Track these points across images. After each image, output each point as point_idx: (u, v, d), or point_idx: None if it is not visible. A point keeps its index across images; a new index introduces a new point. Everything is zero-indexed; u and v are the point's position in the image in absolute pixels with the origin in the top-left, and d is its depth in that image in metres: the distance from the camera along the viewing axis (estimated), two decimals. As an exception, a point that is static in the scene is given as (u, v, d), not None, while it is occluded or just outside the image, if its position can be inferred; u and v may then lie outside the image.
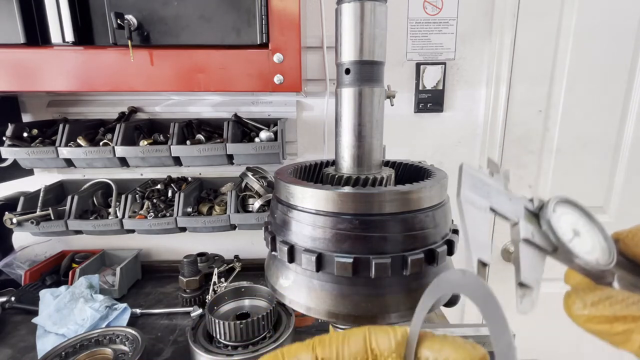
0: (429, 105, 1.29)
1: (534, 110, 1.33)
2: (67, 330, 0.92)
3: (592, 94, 1.30)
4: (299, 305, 0.40)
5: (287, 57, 0.82)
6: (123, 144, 1.06)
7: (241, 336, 0.79)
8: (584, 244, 0.25)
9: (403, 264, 0.36)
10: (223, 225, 1.11)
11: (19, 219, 1.06)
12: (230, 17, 0.80)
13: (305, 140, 1.33)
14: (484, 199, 0.25)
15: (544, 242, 0.25)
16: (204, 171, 1.33)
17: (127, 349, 0.84)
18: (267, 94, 1.26)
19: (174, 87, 0.85)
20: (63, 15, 0.77)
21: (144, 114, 1.28)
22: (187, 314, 1.05)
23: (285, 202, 0.42)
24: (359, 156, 0.45)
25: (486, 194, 0.25)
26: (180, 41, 0.81)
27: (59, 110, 1.26)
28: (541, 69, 1.29)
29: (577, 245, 0.24)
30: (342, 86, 0.44)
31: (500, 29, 1.24)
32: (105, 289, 1.13)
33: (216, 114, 1.28)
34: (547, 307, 1.57)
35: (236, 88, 0.85)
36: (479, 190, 0.25)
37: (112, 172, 1.28)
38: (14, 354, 0.90)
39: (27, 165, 1.09)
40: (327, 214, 0.37)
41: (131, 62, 0.81)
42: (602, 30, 1.25)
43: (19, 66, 0.82)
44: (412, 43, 1.26)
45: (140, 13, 0.79)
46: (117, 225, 1.10)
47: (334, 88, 0.46)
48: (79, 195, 1.13)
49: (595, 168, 1.37)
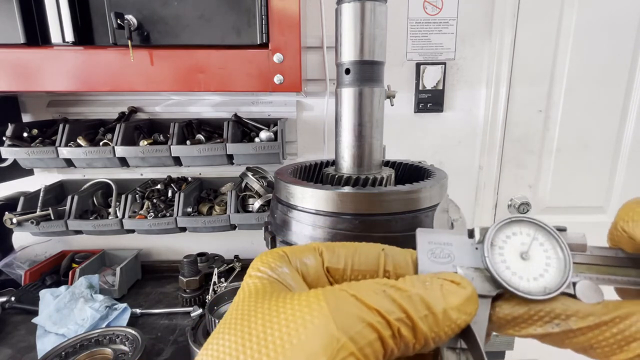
0: (429, 105, 1.29)
1: (534, 110, 1.33)
2: (67, 330, 0.92)
3: (592, 93, 1.30)
4: (299, 305, 0.40)
5: (287, 57, 0.82)
6: (123, 144, 1.06)
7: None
8: (532, 269, 0.23)
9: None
10: (223, 225, 1.11)
11: (19, 219, 1.06)
12: (230, 17, 0.80)
13: (305, 140, 1.33)
14: (445, 265, 0.24)
15: (486, 287, 0.23)
16: (204, 171, 1.33)
17: (127, 349, 0.84)
18: (267, 94, 1.26)
19: (174, 87, 0.85)
20: (63, 15, 0.77)
21: (144, 114, 1.28)
22: (187, 314, 1.05)
23: (285, 202, 0.42)
24: (359, 156, 0.45)
25: (448, 256, 0.24)
26: (180, 41, 0.81)
27: (59, 110, 1.26)
28: (541, 69, 1.29)
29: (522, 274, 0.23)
30: (342, 86, 0.44)
31: (500, 29, 1.24)
32: (105, 289, 1.13)
33: (216, 114, 1.28)
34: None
35: (236, 88, 0.85)
36: (438, 256, 0.24)
37: (112, 172, 1.28)
38: (14, 354, 0.90)
39: (27, 165, 1.09)
40: (327, 214, 0.37)
41: (131, 62, 0.81)
42: (602, 30, 1.25)
43: (19, 66, 0.82)
44: (412, 43, 1.26)
45: (140, 13, 0.79)
46: (117, 225, 1.10)
47: (334, 88, 0.46)
48: (79, 195, 1.13)
49: (595, 168, 1.37)
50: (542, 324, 0.22)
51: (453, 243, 0.24)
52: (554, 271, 0.23)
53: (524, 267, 0.23)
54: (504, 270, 0.23)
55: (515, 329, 0.23)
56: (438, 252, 0.24)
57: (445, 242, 0.24)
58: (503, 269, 0.23)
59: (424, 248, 0.24)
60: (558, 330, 0.22)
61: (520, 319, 0.23)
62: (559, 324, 0.22)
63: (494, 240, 0.24)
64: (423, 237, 0.24)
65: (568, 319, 0.22)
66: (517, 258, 0.23)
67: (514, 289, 0.22)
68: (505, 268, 0.23)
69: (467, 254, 0.24)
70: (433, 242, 0.24)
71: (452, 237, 0.25)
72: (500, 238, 0.24)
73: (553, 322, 0.22)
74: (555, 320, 0.22)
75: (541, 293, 0.22)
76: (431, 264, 0.24)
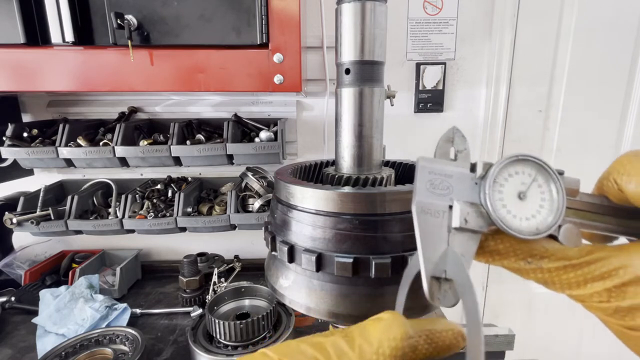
0: (429, 105, 1.29)
1: (534, 110, 1.33)
2: (67, 330, 0.92)
3: (592, 93, 1.30)
4: (299, 305, 0.40)
5: (287, 57, 0.82)
6: (123, 144, 1.06)
7: (241, 336, 0.79)
8: (526, 209, 0.23)
9: (403, 264, 0.36)
10: (223, 225, 1.11)
11: (19, 219, 1.06)
12: (230, 17, 0.80)
13: (305, 140, 1.33)
14: (443, 197, 0.23)
15: (479, 222, 0.23)
16: (204, 171, 1.33)
17: (127, 349, 0.84)
18: (267, 94, 1.26)
19: (174, 87, 0.85)
20: (63, 15, 0.77)
21: (144, 114, 1.28)
22: (187, 314, 1.05)
23: (285, 202, 0.42)
24: (359, 156, 0.45)
25: (446, 188, 0.24)
26: (180, 41, 0.81)
27: (59, 110, 1.26)
28: (541, 69, 1.29)
29: (516, 213, 0.23)
30: (342, 86, 0.44)
31: (500, 29, 1.24)
32: (105, 289, 1.13)
33: (216, 114, 1.28)
34: (547, 307, 1.57)
35: (236, 88, 0.85)
36: (437, 187, 0.23)
37: (112, 172, 1.28)
38: (14, 354, 0.90)
39: (27, 165, 1.09)
40: (327, 214, 0.37)
41: (131, 62, 0.81)
42: (602, 30, 1.25)
43: (19, 66, 0.82)
44: (412, 43, 1.26)
45: (140, 13, 0.79)
46: (117, 225, 1.10)
47: (334, 88, 0.46)
48: (79, 195, 1.13)
49: (595, 168, 1.37)
50: (516, 260, 0.24)
51: (453, 175, 0.24)
52: (546, 213, 0.23)
53: (520, 206, 0.23)
54: (500, 208, 0.23)
55: (489, 259, 0.24)
56: (437, 184, 0.24)
57: (445, 174, 0.24)
58: (499, 207, 0.23)
59: (424, 178, 0.24)
60: (529, 267, 0.23)
61: (498, 252, 0.24)
62: (531, 262, 0.23)
63: (496, 178, 0.24)
64: (424, 166, 0.24)
65: (542, 259, 0.23)
66: (514, 197, 0.23)
67: (507, 227, 0.23)
68: (502, 206, 0.23)
69: (466, 188, 0.24)
70: (433, 173, 0.24)
71: (453, 169, 0.24)
72: (502, 176, 0.24)
73: (527, 259, 0.23)
74: (529, 258, 0.23)
75: (531, 233, 0.23)
76: (428, 195, 0.23)
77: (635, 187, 0.22)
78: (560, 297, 0.26)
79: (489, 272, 1.46)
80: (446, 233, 0.23)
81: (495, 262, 0.24)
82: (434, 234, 0.23)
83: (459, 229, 0.23)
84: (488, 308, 1.50)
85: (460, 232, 0.23)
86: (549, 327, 1.51)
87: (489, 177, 0.23)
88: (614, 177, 0.24)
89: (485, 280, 1.47)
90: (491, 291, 1.48)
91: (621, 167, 0.23)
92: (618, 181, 0.23)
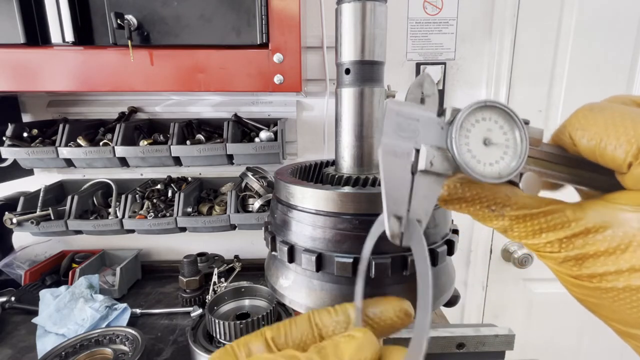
0: (429, 105, 1.29)
1: (534, 110, 1.33)
2: (67, 330, 0.92)
3: (592, 94, 1.30)
4: (299, 305, 0.40)
5: (287, 57, 0.82)
6: (123, 144, 1.06)
7: (241, 336, 0.79)
8: (491, 155, 0.24)
9: (403, 264, 0.36)
10: (223, 225, 1.11)
11: (19, 219, 1.06)
12: (230, 17, 0.80)
13: (305, 140, 1.33)
14: (408, 140, 0.24)
15: (444, 166, 0.24)
16: (204, 171, 1.33)
17: (127, 349, 0.84)
18: (267, 94, 1.26)
19: (174, 87, 0.85)
20: (63, 15, 0.77)
21: (144, 114, 1.28)
22: (187, 314, 1.05)
23: (285, 202, 0.42)
24: (359, 156, 0.45)
25: (413, 131, 0.24)
26: (180, 41, 0.81)
27: (59, 110, 1.26)
28: (541, 69, 1.29)
29: (481, 158, 0.23)
30: (342, 86, 0.44)
31: (500, 29, 1.24)
32: (105, 289, 1.13)
33: (216, 114, 1.28)
34: (547, 307, 1.57)
35: (236, 88, 0.85)
36: (404, 130, 0.24)
37: (112, 172, 1.28)
38: (14, 354, 0.90)
39: (27, 165, 1.09)
40: (327, 214, 0.37)
41: (131, 62, 0.81)
42: (602, 30, 1.25)
43: (19, 66, 0.82)
44: (412, 43, 1.26)
45: (140, 13, 0.79)
46: (117, 225, 1.10)
47: (334, 88, 0.46)
48: (79, 195, 1.13)
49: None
50: (481, 207, 0.25)
51: (420, 119, 0.25)
52: (509, 159, 0.24)
53: (484, 152, 0.24)
54: (465, 152, 0.24)
55: (456, 206, 0.26)
56: (405, 127, 0.24)
57: (413, 117, 0.24)
58: (465, 152, 0.24)
59: (392, 120, 0.24)
60: (492, 214, 0.25)
61: (465, 199, 0.25)
62: (494, 210, 0.25)
63: (463, 123, 0.24)
64: (392, 108, 0.24)
65: (504, 207, 0.25)
66: (479, 142, 0.24)
67: (471, 170, 0.23)
68: (467, 151, 0.24)
69: (432, 132, 0.24)
70: (401, 115, 0.24)
71: (421, 113, 0.25)
72: (469, 121, 0.24)
73: (491, 207, 0.25)
74: (492, 206, 0.25)
75: (493, 177, 0.23)
76: (395, 137, 0.24)
77: (587, 141, 0.23)
78: (560, 297, 0.26)
79: (489, 272, 1.46)
80: (410, 175, 0.24)
81: (462, 209, 0.26)
82: (398, 175, 0.24)
83: (424, 171, 0.24)
84: (488, 308, 1.50)
85: (426, 174, 0.24)
86: (549, 327, 1.51)
87: (456, 122, 0.24)
88: (569, 132, 0.25)
89: (485, 280, 1.47)
90: (491, 291, 1.48)
91: (576, 121, 0.24)
92: (572, 135, 0.24)
